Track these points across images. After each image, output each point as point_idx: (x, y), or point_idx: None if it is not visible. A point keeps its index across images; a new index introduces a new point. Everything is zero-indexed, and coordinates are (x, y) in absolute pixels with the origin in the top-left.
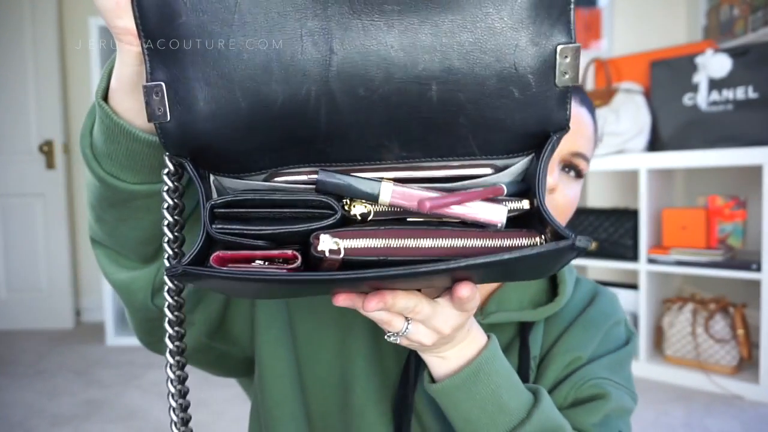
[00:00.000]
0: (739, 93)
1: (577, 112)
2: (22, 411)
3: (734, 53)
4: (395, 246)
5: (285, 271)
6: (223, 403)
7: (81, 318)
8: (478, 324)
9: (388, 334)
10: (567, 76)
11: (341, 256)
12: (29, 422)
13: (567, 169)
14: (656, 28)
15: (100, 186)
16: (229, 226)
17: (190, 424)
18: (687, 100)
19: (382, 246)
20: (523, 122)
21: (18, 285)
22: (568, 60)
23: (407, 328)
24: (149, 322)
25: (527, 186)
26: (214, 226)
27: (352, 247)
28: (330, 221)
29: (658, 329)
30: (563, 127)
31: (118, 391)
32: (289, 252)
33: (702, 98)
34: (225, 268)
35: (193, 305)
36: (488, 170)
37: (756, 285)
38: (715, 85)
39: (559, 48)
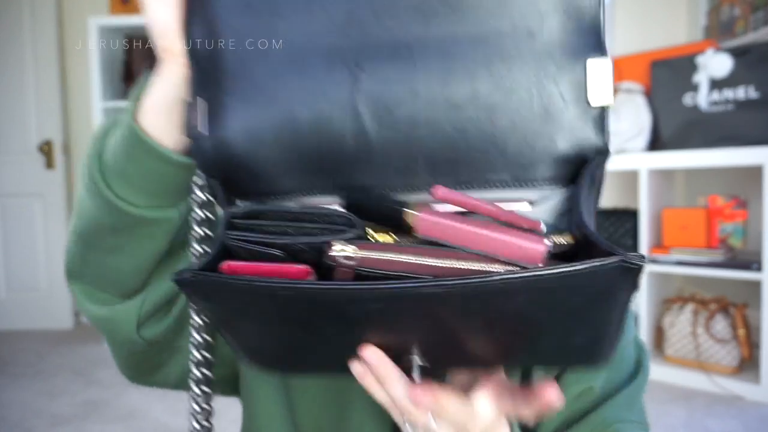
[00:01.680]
0: (740, 93)
1: None
2: (22, 411)
3: (735, 53)
4: (418, 262)
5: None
6: (222, 404)
7: (80, 318)
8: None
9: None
10: (600, 95)
11: (355, 263)
12: (28, 422)
13: None
14: (657, 28)
15: (104, 211)
16: (244, 234)
17: None
18: (687, 99)
19: (402, 260)
20: (557, 148)
21: (17, 285)
22: (600, 77)
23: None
24: (135, 356)
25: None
26: (228, 232)
27: (369, 257)
28: (348, 235)
29: (658, 329)
30: (603, 152)
31: (118, 391)
32: (303, 267)
33: (702, 98)
34: (233, 275)
35: (179, 330)
36: (525, 205)
37: (756, 285)
38: (715, 84)
39: (588, 63)
